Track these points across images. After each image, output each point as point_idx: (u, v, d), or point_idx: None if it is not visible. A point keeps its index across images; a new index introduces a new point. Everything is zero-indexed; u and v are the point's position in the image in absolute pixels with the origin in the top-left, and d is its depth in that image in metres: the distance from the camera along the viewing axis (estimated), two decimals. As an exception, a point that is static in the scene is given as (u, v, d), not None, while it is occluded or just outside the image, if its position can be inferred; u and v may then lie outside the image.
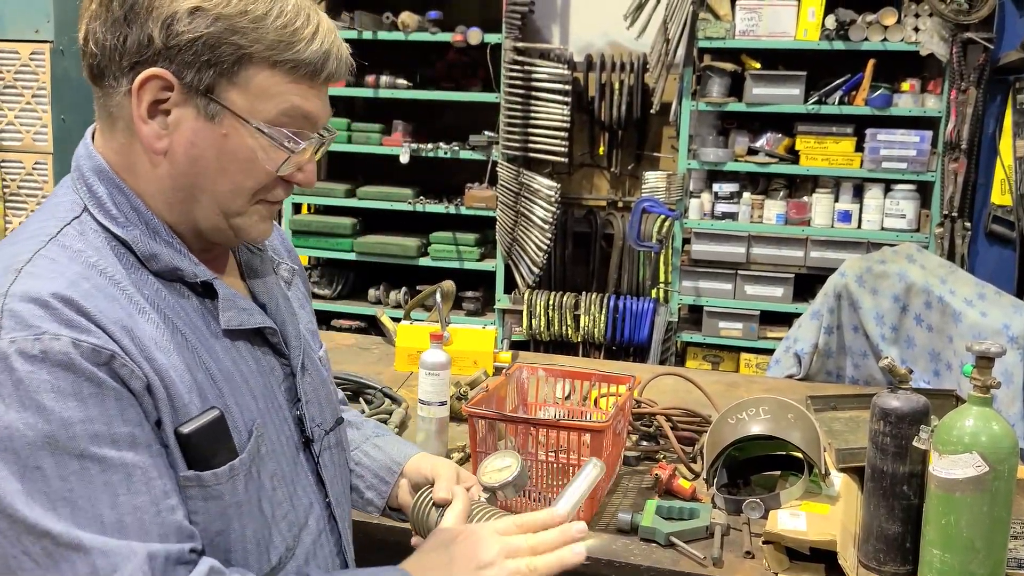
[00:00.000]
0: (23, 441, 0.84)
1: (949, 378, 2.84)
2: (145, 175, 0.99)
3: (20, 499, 0.84)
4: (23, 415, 0.84)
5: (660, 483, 1.93)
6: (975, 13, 3.87)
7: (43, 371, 0.85)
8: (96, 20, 0.94)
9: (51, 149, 4.24)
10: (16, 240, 0.96)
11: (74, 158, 1.02)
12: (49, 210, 1.00)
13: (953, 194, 4.00)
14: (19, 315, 0.86)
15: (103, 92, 0.97)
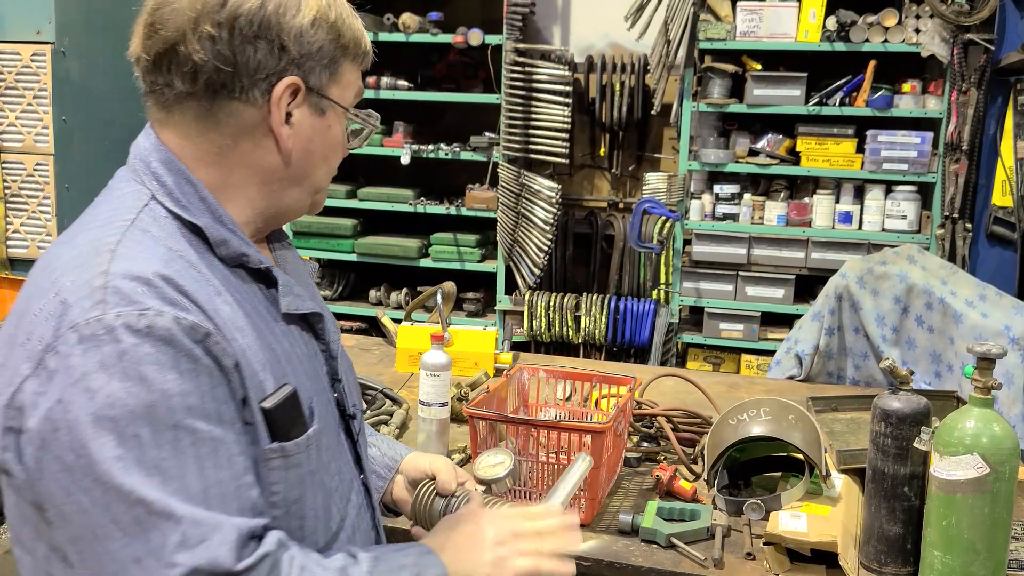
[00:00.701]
0: (124, 409, 0.88)
1: (950, 379, 2.83)
2: (242, 169, 1.05)
3: (117, 466, 0.87)
4: (126, 385, 0.88)
5: (661, 484, 1.93)
6: (976, 14, 3.87)
7: (147, 344, 0.89)
8: (217, 40, 0.98)
9: (52, 150, 4.24)
10: (90, 226, 1.00)
11: (135, 152, 1.08)
12: (115, 199, 1.04)
13: (954, 195, 4.00)
14: (123, 292, 0.90)
15: (215, 103, 1.01)
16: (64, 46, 4.21)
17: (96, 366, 0.88)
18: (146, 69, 1.03)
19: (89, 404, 0.87)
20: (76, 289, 0.91)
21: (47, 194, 4.27)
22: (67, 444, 0.88)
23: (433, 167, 4.84)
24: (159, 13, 1.00)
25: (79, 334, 0.89)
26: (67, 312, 0.90)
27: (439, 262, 4.73)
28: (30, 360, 0.90)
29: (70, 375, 0.88)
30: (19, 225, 4.34)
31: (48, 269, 0.96)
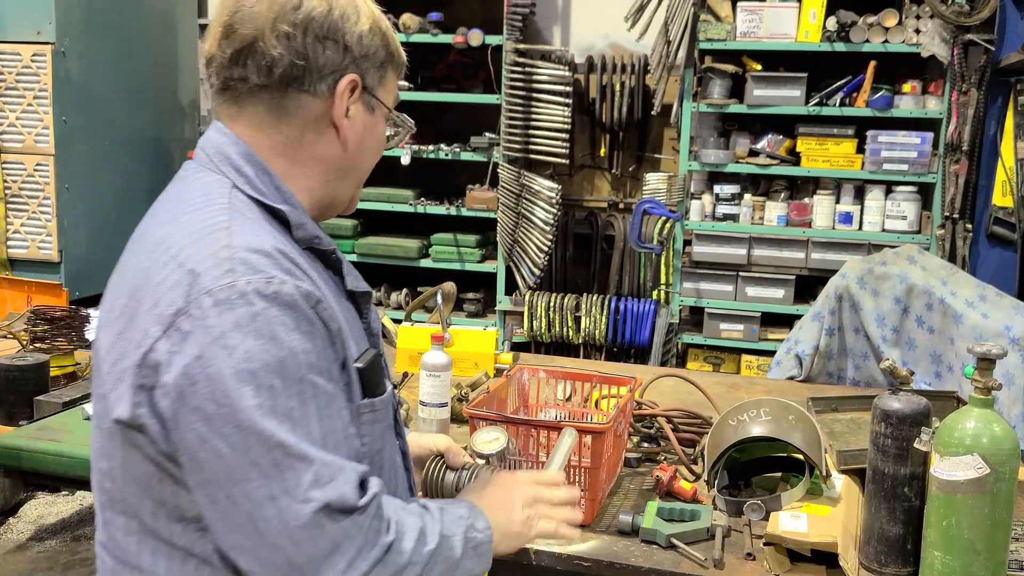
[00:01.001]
0: (260, 363, 0.98)
1: (950, 380, 2.83)
2: (307, 160, 1.16)
3: (257, 413, 0.97)
4: (259, 342, 0.98)
5: (661, 485, 1.93)
6: (976, 15, 3.87)
7: (274, 308, 1.00)
8: (293, 38, 1.10)
9: (52, 150, 4.24)
10: (188, 209, 1.08)
11: (209, 145, 1.15)
12: (199, 187, 1.12)
13: (954, 196, 4.00)
14: (249, 262, 1.01)
15: (286, 95, 1.12)
16: (64, 46, 4.21)
17: (231, 326, 0.98)
18: (221, 66, 1.12)
19: (229, 359, 0.97)
20: (203, 260, 1.01)
21: (47, 194, 4.27)
22: (208, 395, 0.97)
23: (433, 167, 4.84)
24: (237, 15, 1.11)
25: (213, 298, 0.99)
26: (197, 280, 1.00)
27: (439, 262, 4.74)
28: (160, 323, 1.00)
29: (208, 334, 0.98)
30: (19, 225, 4.34)
31: (163, 246, 1.05)
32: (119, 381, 1.03)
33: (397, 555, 1.06)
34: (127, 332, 1.04)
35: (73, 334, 2.70)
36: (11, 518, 3.75)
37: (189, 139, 5.19)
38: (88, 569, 3.37)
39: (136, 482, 1.05)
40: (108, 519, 1.10)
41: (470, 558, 1.16)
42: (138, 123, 4.78)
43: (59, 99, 4.22)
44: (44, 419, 2.25)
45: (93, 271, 4.50)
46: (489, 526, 1.20)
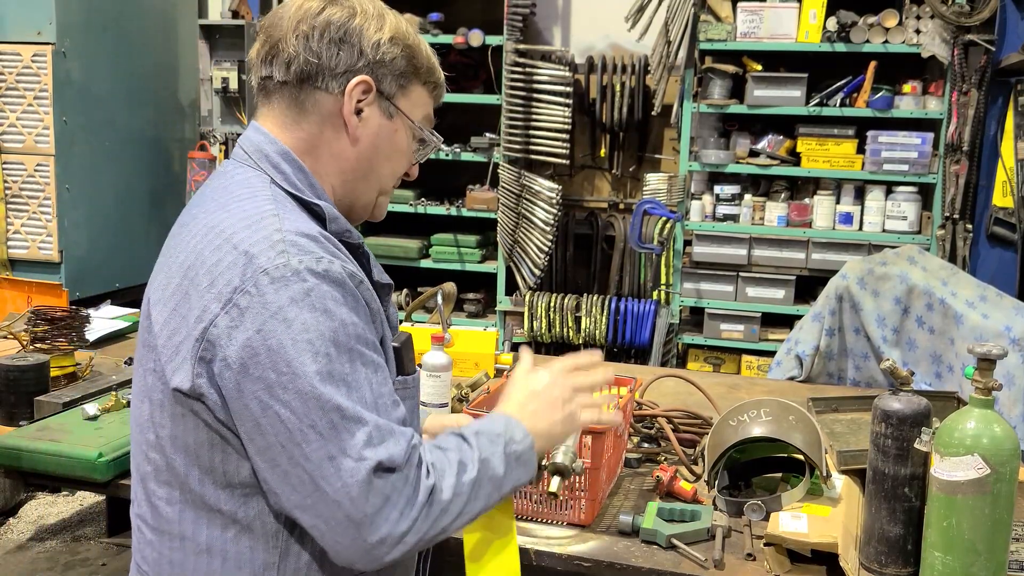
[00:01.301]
0: (316, 333, 1.07)
1: (951, 380, 2.83)
2: (327, 157, 1.25)
3: (316, 379, 1.07)
4: (314, 315, 1.08)
5: (661, 485, 1.93)
6: (976, 15, 3.87)
7: (325, 284, 1.10)
8: (310, 39, 1.21)
9: (53, 151, 4.24)
10: (236, 199, 1.17)
11: (248, 143, 1.25)
12: (241, 181, 1.21)
13: (954, 196, 4.00)
14: (300, 244, 1.11)
15: (303, 91, 1.23)
16: (65, 47, 4.21)
17: (288, 301, 1.07)
18: (256, 67, 1.25)
19: (287, 331, 1.06)
20: (257, 243, 1.10)
21: (48, 195, 4.27)
22: (269, 365, 1.06)
23: (433, 168, 4.83)
24: (271, 20, 1.24)
25: (270, 276, 1.08)
26: (253, 261, 1.09)
27: (439, 263, 4.74)
28: (219, 300, 1.09)
29: (266, 309, 1.07)
30: (19, 226, 4.34)
31: (215, 230, 1.14)
32: (176, 353, 1.11)
33: (439, 493, 1.14)
34: (181, 308, 1.12)
35: (73, 334, 2.70)
36: (11, 518, 3.76)
37: (189, 139, 5.19)
38: (88, 569, 3.37)
39: (185, 450, 1.13)
40: (151, 490, 1.18)
41: (514, 469, 1.23)
42: (138, 123, 4.77)
43: (59, 99, 4.22)
44: (44, 419, 2.25)
45: (93, 271, 4.50)
46: (527, 433, 1.26)
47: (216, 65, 4.92)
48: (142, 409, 1.18)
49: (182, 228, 1.20)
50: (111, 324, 3.18)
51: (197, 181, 4.89)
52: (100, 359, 2.80)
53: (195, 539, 1.15)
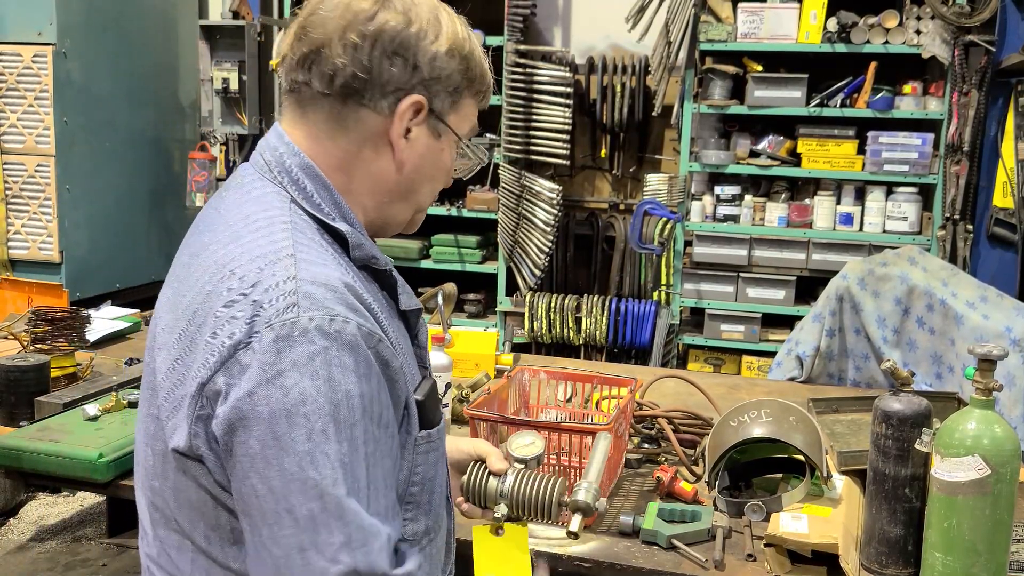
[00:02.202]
0: (314, 407, 0.94)
1: (951, 381, 2.83)
2: (363, 177, 1.12)
3: (305, 460, 0.94)
4: (315, 384, 0.95)
5: (662, 485, 1.93)
6: (977, 15, 3.87)
7: (334, 348, 0.96)
8: (359, 49, 1.06)
9: (53, 152, 4.24)
10: (251, 227, 1.04)
11: (269, 153, 1.12)
12: (258, 200, 1.08)
13: (955, 197, 4.00)
14: (314, 297, 0.97)
15: (346, 107, 1.09)
16: (65, 47, 4.21)
17: (290, 364, 0.94)
18: (290, 67, 1.10)
19: (283, 399, 0.94)
20: (267, 291, 0.98)
21: (48, 195, 4.27)
22: (256, 434, 0.94)
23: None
24: (312, 18, 1.08)
25: (275, 333, 0.95)
26: (260, 312, 0.96)
27: (440, 263, 4.74)
28: (220, 354, 0.97)
29: (264, 371, 0.95)
30: (20, 226, 4.34)
31: (226, 269, 1.01)
32: (177, 409, 1.01)
33: None
34: (185, 358, 1.01)
35: (74, 335, 2.70)
36: (12, 519, 3.76)
37: (190, 139, 5.19)
38: (88, 569, 3.37)
39: (190, 507, 1.04)
40: (161, 536, 1.09)
41: None
42: (139, 124, 4.77)
43: (60, 100, 4.22)
44: (45, 420, 2.25)
45: (94, 272, 4.50)
46: None
47: (216, 66, 4.92)
48: (146, 453, 1.08)
49: (193, 258, 1.08)
50: (111, 324, 3.18)
51: (197, 182, 4.90)
52: (100, 359, 2.80)
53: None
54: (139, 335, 3.23)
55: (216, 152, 5.04)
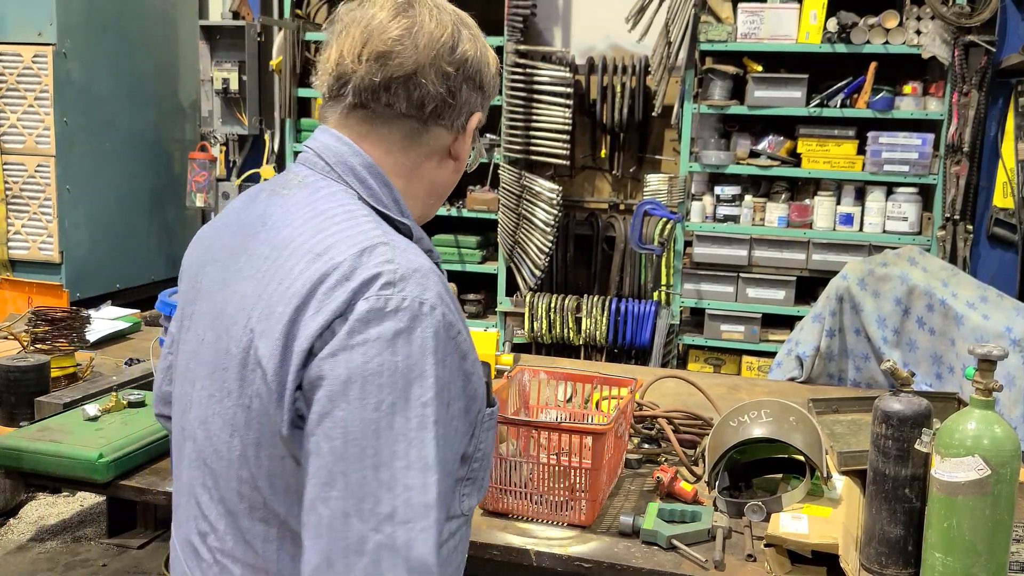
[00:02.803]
0: (390, 380, 0.99)
1: (951, 381, 2.83)
2: (421, 182, 1.22)
3: (370, 428, 0.98)
4: (395, 359, 0.99)
5: (662, 486, 1.93)
6: (977, 16, 3.87)
7: (419, 329, 1.01)
8: (450, 78, 1.16)
9: (53, 152, 4.24)
10: (336, 222, 1.10)
11: (330, 153, 1.17)
12: (329, 195, 1.14)
13: (955, 197, 4.00)
14: (409, 281, 1.03)
15: (423, 124, 1.18)
16: (65, 47, 4.22)
17: (376, 336, 0.99)
18: (366, 87, 1.15)
19: (362, 366, 0.99)
20: (367, 271, 1.03)
21: (48, 195, 4.27)
22: (330, 393, 0.99)
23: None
24: (398, 46, 1.13)
25: (369, 306, 1.01)
26: (361, 290, 1.02)
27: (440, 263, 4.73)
28: (319, 326, 1.01)
29: (351, 336, 1.00)
30: (20, 226, 4.35)
31: (324, 258, 1.06)
32: (283, 391, 1.03)
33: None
34: (291, 343, 1.03)
35: (74, 335, 2.70)
36: (12, 519, 3.76)
37: (190, 140, 5.19)
38: (88, 570, 3.37)
39: (285, 491, 1.06)
40: (244, 527, 1.10)
41: None
42: (139, 124, 4.78)
43: (60, 100, 4.22)
44: (45, 420, 2.25)
45: (94, 272, 4.51)
46: None
47: (216, 66, 4.93)
48: (231, 444, 1.09)
49: (278, 252, 1.10)
50: (111, 325, 3.18)
51: (197, 182, 4.90)
52: (100, 360, 2.80)
53: None
54: (139, 335, 3.23)
55: (216, 152, 5.04)
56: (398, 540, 0.96)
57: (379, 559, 0.95)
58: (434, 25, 1.15)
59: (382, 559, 0.95)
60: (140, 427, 2.18)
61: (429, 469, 0.99)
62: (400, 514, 0.96)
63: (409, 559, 0.96)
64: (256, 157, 5.06)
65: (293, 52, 4.70)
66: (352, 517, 0.96)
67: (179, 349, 1.24)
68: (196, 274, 1.22)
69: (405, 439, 0.98)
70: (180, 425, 1.21)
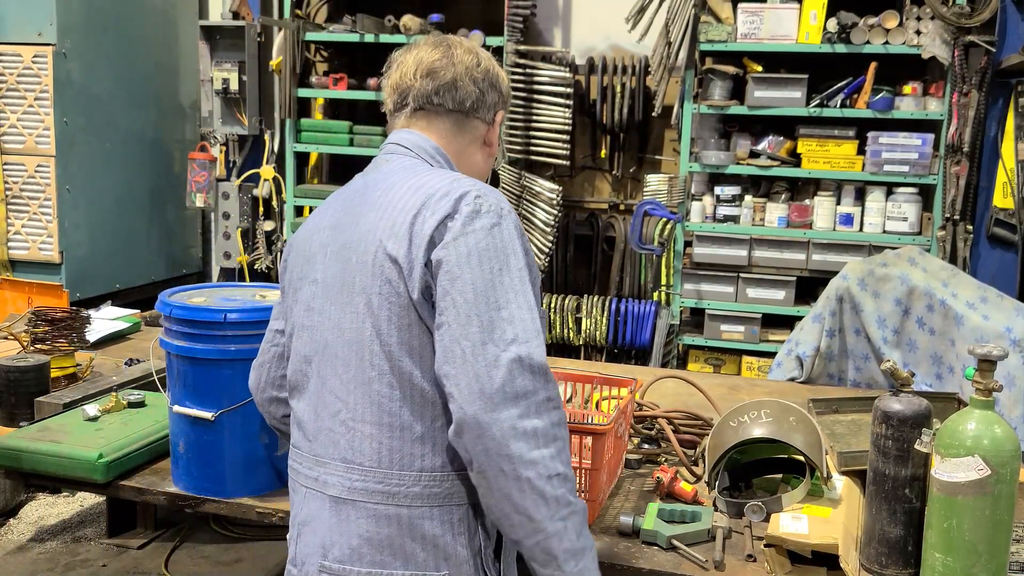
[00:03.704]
0: (495, 252, 1.42)
1: (951, 381, 2.83)
2: (463, 166, 1.65)
3: (488, 283, 1.39)
4: (494, 241, 1.43)
5: (662, 486, 1.93)
6: (977, 16, 3.87)
7: (504, 223, 1.45)
8: (478, 82, 1.64)
9: (53, 152, 4.24)
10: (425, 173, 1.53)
11: (408, 141, 1.61)
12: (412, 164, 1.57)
13: (955, 197, 4.00)
14: (492, 196, 1.48)
15: (467, 118, 1.65)
16: (65, 48, 4.22)
17: (479, 227, 1.43)
18: (422, 94, 1.61)
19: (475, 245, 1.41)
20: (461, 190, 1.46)
21: (48, 195, 4.27)
22: (456, 263, 1.40)
23: (434, 169, 4.83)
24: (439, 65, 1.62)
25: (470, 208, 1.44)
26: (460, 200, 1.44)
27: (440, 264, 4.72)
28: (435, 222, 1.43)
29: (463, 228, 1.42)
30: (20, 227, 4.35)
31: (427, 186, 1.48)
32: (412, 269, 1.42)
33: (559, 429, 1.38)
34: (416, 239, 1.43)
35: (74, 335, 2.70)
36: (11, 519, 3.76)
37: (190, 140, 5.19)
38: (88, 570, 3.37)
39: (410, 353, 1.43)
40: (374, 391, 1.44)
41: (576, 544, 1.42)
42: (139, 124, 4.78)
43: (60, 100, 4.22)
44: (45, 420, 2.25)
45: (94, 272, 4.51)
46: None
47: (216, 66, 4.92)
48: (362, 328, 1.45)
49: (387, 193, 1.51)
50: (111, 325, 3.18)
51: (197, 182, 4.90)
52: (100, 360, 2.80)
53: (412, 428, 1.43)
54: (139, 335, 3.23)
55: (216, 152, 5.04)
56: (522, 353, 1.36)
57: (511, 368, 1.34)
58: (462, 51, 1.64)
59: (513, 368, 1.34)
60: (140, 427, 2.18)
61: (532, 308, 1.41)
62: (520, 337, 1.37)
63: (532, 366, 1.36)
64: (256, 157, 5.06)
65: (293, 52, 4.70)
66: (488, 344, 1.36)
67: (297, 308, 1.57)
68: (307, 248, 1.59)
69: (512, 289, 1.40)
70: (304, 354, 1.54)
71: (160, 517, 3.69)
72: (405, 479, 1.43)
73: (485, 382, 1.33)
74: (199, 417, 1.94)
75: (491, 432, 1.32)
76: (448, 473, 1.44)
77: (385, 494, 1.43)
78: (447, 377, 1.37)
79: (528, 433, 1.33)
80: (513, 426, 1.33)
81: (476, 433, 1.33)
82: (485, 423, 1.33)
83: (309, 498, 1.51)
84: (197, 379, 1.95)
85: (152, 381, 2.34)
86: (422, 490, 1.43)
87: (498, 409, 1.33)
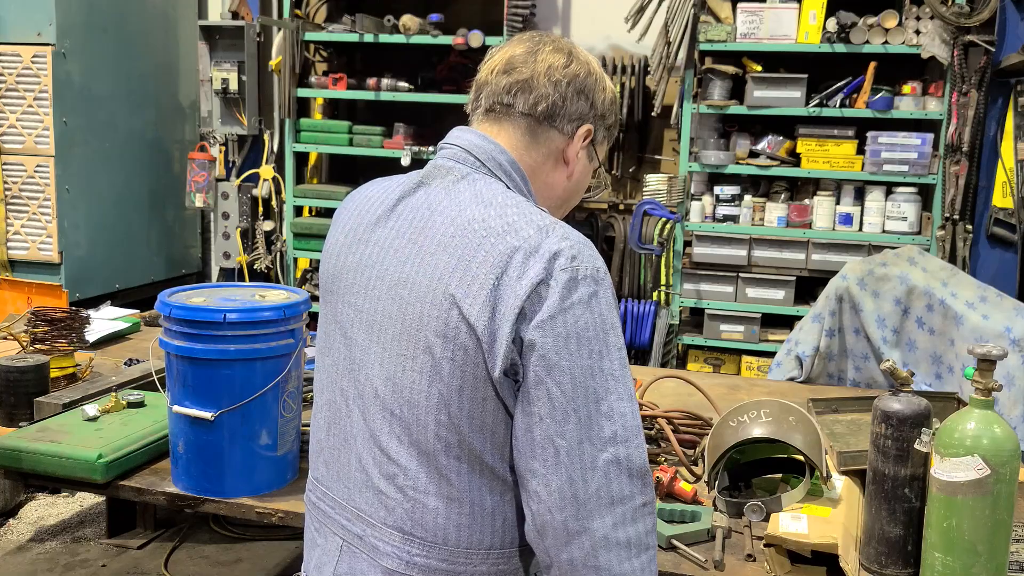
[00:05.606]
0: (595, 332, 1.23)
1: (951, 381, 2.83)
2: (540, 184, 1.45)
3: (588, 372, 1.22)
4: (594, 316, 1.24)
5: (661, 486, 1.93)
6: (976, 16, 3.87)
7: (602, 289, 1.25)
8: (559, 86, 1.41)
9: (53, 152, 4.24)
10: (505, 204, 1.31)
11: (478, 149, 1.41)
12: (488, 187, 1.36)
13: (954, 197, 4.00)
14: (586, 253, 1.27)
15: (541, 126, 1.42)
16: (65, 48, 4.22)
17: (577, 300, 1.23)
18: (495, 92, 1.43)
19: (574, 325, 1.22)
20: (554, 245, 1.25)
21: (47, 196, 4.27)
22: (553, 348, 1.21)
23: (433, 169, 4.83)
24: (519, 61, 1.42)
25: (568, 275, 1.23)
26: (554, 260, 1.23)
27: (439, 264, 4.72)
28: (528, 289, 1.22)
29: (561, 303, 1.22)
30: (19, 227, 4.34)
31: (511, 232, 1.27)
32: (493, 342, 1.23)
33: (651, 538, 1.26)
34: (500, 306, 1.23)
35: (73, 335, 2.70)
36: (11, 519, 3.76)
37: (189, 140, 5.19)
38: (88, 570, 3.37)
39: (482, 429, 1.27)
40: (441, 464, 1.28)
41: None
42: (138, 125, 4.78)
43: (59, 101, 4.22)
44: (44, 420, 2.25)
45: (93, 272, 4.51)
46: None
47: (216, 66, 4.92)
48: (428, 392, 1.28)
49: (464, 231, 1.29)
50: (111, 325, 3.18)
51: (197, 182, 4.90)
52: (100, 360, 2.80)
53: (482, 504, 1.29)
54: (138, 335, 3.23)
55: (215, 152, 5.04)
56: (620, 455, 1.22)
57: (608, 472, 1.21)
58: (551, 49, 1.43)
59: (610, 471, 1.21)
60: (139, 427, 2.17)
61: (632, 398, 1.25)
62: (620, 435, 1.22)
63: (631, 468, 1.22)
64: (255, 157, 5.06)
65: (292, 52, 4.70)
66: (584, 443, 1.21)
67: (332, 319, 1.42)
68: (343, 254, 1.42)
69: (613, 376, 1.23)
70: (340, 387, 1.39)
71: (160, 517, 3.69)
72: (472, 557, 1.31)
73: (579, 487, 1.21)
74: (199, 417, 1.94)
75: (580, 541, 1.21)
76: (515, 549, 1.33)
77: (449, 573, 1.31)
78: (533, 473, 1.23)
79: (621, 544, 1.22)
80: (606, 536, 1.21)
81: (563, 540, 1.22)
82: (574, 531, 1.21)
83: (350, 555, 1.38)
84: (197, 379, 1.95)
85: (152, 381, 2.34)
86: (489, 568, 1.32)
87: (592, 517, 1.21)
